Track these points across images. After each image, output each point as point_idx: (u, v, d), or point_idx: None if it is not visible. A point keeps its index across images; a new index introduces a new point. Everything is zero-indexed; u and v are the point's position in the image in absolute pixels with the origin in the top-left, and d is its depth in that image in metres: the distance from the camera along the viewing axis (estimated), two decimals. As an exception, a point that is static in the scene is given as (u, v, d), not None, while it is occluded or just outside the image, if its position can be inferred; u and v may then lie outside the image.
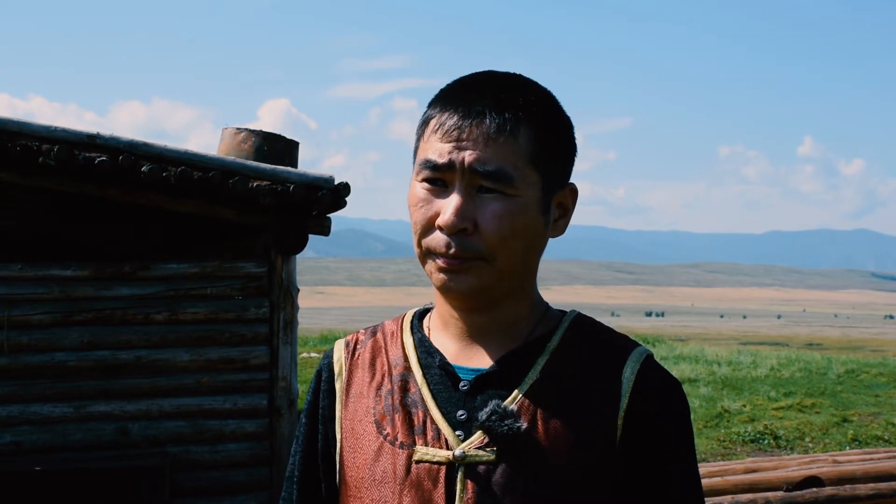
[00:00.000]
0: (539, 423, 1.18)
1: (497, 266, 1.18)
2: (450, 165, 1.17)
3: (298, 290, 6.20)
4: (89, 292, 5.79)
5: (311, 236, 6.03)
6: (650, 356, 1.25)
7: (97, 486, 5.49)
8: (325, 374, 1.34)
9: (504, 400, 1.19)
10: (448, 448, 1.19)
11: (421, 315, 1.35)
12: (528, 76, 1.26)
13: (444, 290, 1.21)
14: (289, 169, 5.83)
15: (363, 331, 1.37)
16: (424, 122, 1.23)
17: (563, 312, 1.31)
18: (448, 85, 1.25)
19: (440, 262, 1.19)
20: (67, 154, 5.35)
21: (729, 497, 4.49)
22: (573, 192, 1.26)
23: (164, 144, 5.63)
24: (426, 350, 1.28)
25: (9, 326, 5.66)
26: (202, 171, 5.56)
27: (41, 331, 5.73)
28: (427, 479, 1.18)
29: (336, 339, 22.00)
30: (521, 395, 1.20)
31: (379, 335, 1.34)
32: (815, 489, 4.64)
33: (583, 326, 1.28)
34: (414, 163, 1.25)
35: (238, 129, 6.03)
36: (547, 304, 1.31)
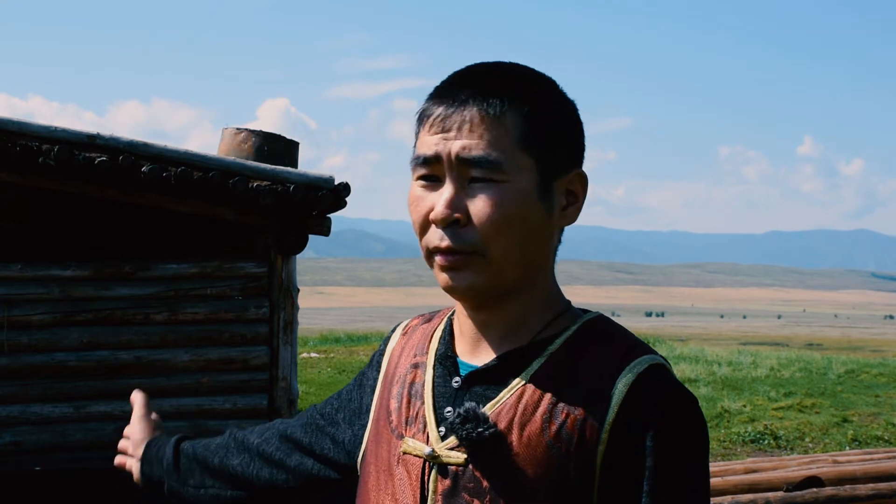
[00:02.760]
0: (515, 429, 1.14)
1: (491, 258, 1.15)
2: (437, 157, 1.15)
3: (298, 290, 6.20)
4: (89, 292, 5.79)
5: (311, 236, 6.03)
6: (655, 366, 1.15)
7: (97, 486, 5.49)
8: (381, 346, 1.38)
9: (489, 401, 1.17)
10: (428, 443, 1.18)
11: None
12: (525, 64, 1.23)
13: (447, 289, 1.19)
14: (289, 169, 5.83)
15: (425, 315, 1.38)
16: (418, 119, 1.22)
17: (583, 313, 1.25)
18: (441, 80, 1.24)
19: (439, 259, 1.16)
20: (67, 154, 5.35)
21: (729, 497, 4.49)
22: (581, 177, 1.21)
23: (164, 144, 5.63)
24: (444, 341, 1.28)
25: (9, 326, 5.66)
26: (202, 171, 5.56)
27: (41, 331, 5.73)
28: (408, 470, 1.19)
29: (336, 339, 21.90)
30: (505, 398, 1.16)
31: (428, 323, 1.35)
32: (815, 489, 4.64)
33: (594, 330, 1.21)
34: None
35: (238, 129, 6.03)
36: (568, 303, 1.25)
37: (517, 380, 1.17)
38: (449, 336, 1.27)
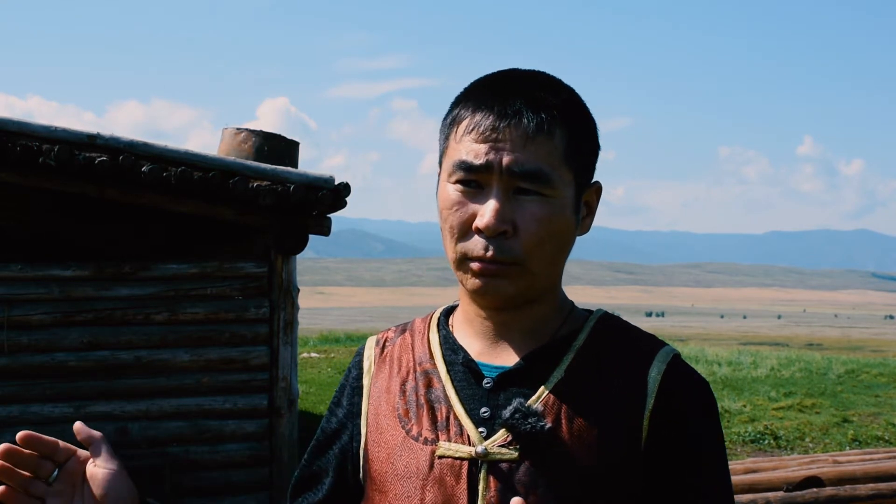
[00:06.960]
0: (563, 422, 1.17)
1: (531, 270, 1.17)
2: (487, 167, 1.16)
3: (298, 290, 6.20)
4: (89, 292, 5.79)
5: (311, 236, 6.03)
6: (677, 356, 1.23)
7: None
8: (354, 371, 1.35)
9: (528, 398, 1.18)
10: (470, 444, 1.18)
11: (448, 312, 1.35)
12: (550, 73, 1.25)
13: (478, 293, 1.20)
14: (289, 169, 5.83)
15: (394, 328, 1.38)
16: (454, 122, 1.21)
17: (588, 311, 1.30)
18: (476, 83, 1.24)
19: (475, 265, 1.17)
20: (67, 154, 5.35)
21: (729, 497, 4.49)
22: (598, 189, 1.26)
23: (164, 144, 5.64)
24: (450, 347, 1.28)
25: (9, 326, 5.66)
26: (202, 171, 5.56)
27: (41, 331, 5.73)
28: (449, 474, 1.18)
29: (336, 339, 21.92)
30: (545, 394, 1.19)
31: (408, 333, 1.34)
32: (815, 489, 4.64)
33: (609, 325, 1.27)
34: (441, 163, 1.24)
35: (238, 129, 6.03)
36: (572, 302, 1.30)
37: (553, 375, 1.20)
38: (454, 341, 1.28)
